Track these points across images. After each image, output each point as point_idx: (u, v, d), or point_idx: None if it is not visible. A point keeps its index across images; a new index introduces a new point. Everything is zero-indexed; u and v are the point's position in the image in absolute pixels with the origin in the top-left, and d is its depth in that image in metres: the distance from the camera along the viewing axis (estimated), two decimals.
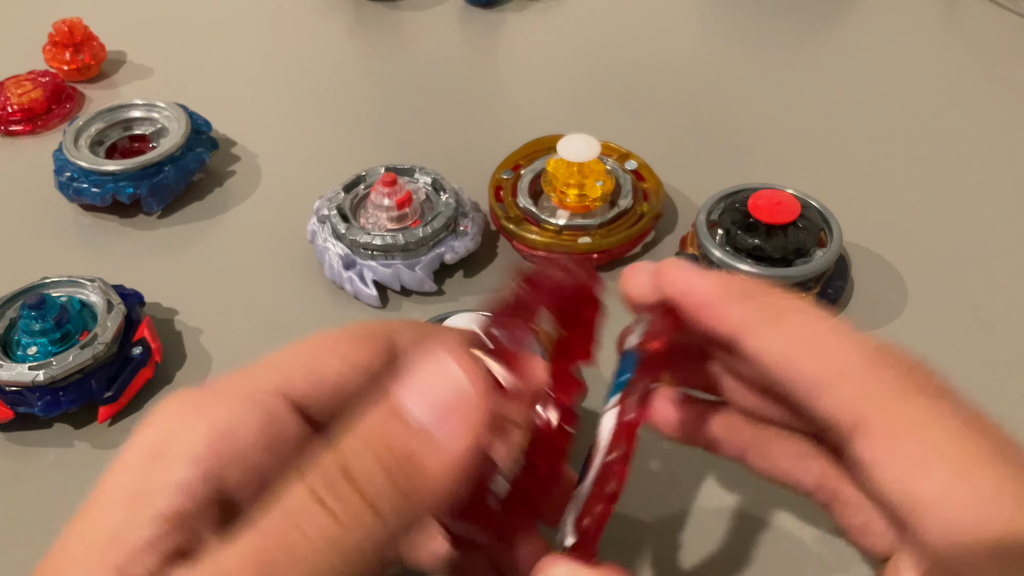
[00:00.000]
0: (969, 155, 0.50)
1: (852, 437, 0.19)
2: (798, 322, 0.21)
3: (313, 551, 0.17)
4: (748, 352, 0.21)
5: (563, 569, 0.21)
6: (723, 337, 0.22)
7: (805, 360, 0.20)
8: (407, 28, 0.63)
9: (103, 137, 0.49)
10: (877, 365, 0.19)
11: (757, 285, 0.22)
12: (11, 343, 0.37)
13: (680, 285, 0.23)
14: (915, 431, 0.18)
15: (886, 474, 0.19)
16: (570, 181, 0.42)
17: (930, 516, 0.18)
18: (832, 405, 0.19)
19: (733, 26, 0.63)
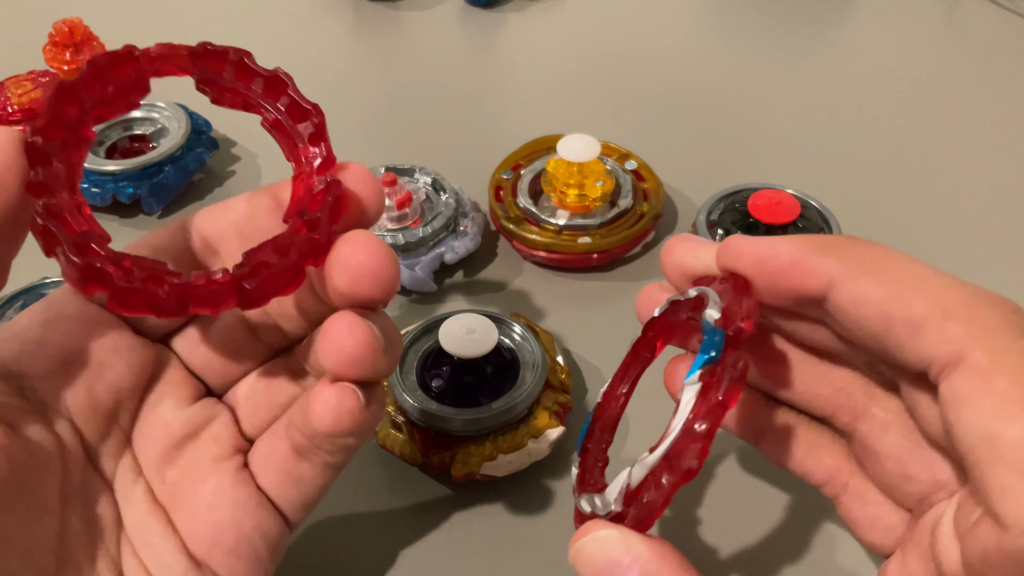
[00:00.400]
0: (969, 155, 0.50)
1: (947, 374, 0.19)
2: (895, 266, 0.20)
3: None
4: (842, 302, 0.20)
5: (614, 532, 0.20)
6: (812, 293, 0.21)
7: (908, 301, 0.19)
8: (407, 28, 0.63)
9: (103, 137, 0.49)
10: (981, 305, 0.19)
11: (837, 238, 0.22)
12: None
13: (756, 254, 0.22)
14: (1012, 372, 0.18)
15: (973, 412, 0.18)
16: (570, 181, 0.42)
17: (1006, 456, 0.17)
18: (933, 343, 0.19)
19: (733, 26, 0.63)
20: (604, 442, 0.26)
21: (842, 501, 0.24)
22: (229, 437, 0.25)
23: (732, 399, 0.20)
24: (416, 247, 0.41)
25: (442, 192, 0.43)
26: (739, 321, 0.21)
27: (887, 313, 0.20)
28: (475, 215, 0.44)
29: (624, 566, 0.19)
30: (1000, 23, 0.62)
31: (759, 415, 0.26)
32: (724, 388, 0.20)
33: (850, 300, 0.20)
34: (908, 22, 0.62)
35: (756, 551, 0.31)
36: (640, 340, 0.26)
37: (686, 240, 0.25)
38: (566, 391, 0.35)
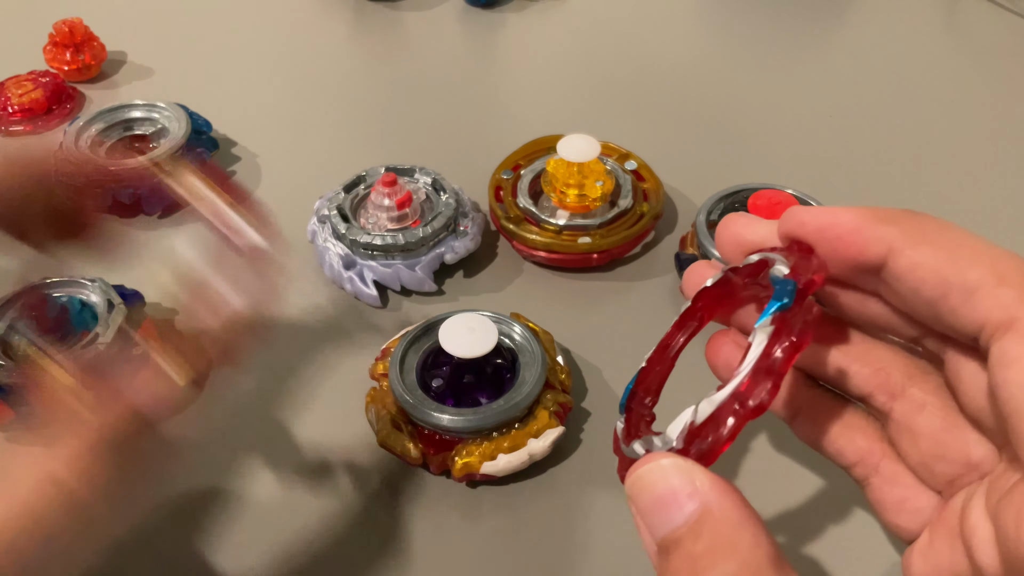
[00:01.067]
0: (969, 155, 0.50)
1: (998, 337, 0.19)
2: (951, 236, 0.21)
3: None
4: (901, 268, 0.21)
5: (676, 460, 0.20)
6: (872, 260, 0.22)
7: (963, 267, 0.20)
8: (407, 28, 0.63)
9: (104, 137, 0.49)
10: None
11: (895, 210, 0.23)
12: (11, 343, 0.37)
13: (818, 222, 0.23)
14: None
15: (1018, 372, 0.19)
16: (570, 181, 0.42)
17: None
18: (987, 306, 0.20)
19: (733, 26, 0.63)
20: (650, 402, 0.26)
21: (871, 482, 0.25)
22: None
23: (806, 340, 0.20)
24: (416, 247, 0.41)
25: (442, 192, 0.43)
26: (810, 274, 0.22)
27: (944, 279, 0.21)
28: (475, 215, 0.44)
29: (684, 496, 0.19)
30: (1000, 23, 0.62)
31: (797, 392, 0.26)
32: (798, 329, 0.20)
33: (908, 266, 0.21)
34: (908, 22, 0.62)
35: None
36: (688, 310, 0.26)
37: (742, 216, 0.25)
38: (566, 391, 0.35)
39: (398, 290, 0.42)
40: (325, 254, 0.42)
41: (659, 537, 0.19)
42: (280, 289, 0.25)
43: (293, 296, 0.42)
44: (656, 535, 0.19)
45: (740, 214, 0.25)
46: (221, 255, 0.25)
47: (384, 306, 0.41)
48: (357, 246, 0.41)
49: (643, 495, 0.20)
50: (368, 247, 0.41)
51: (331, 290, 0.42)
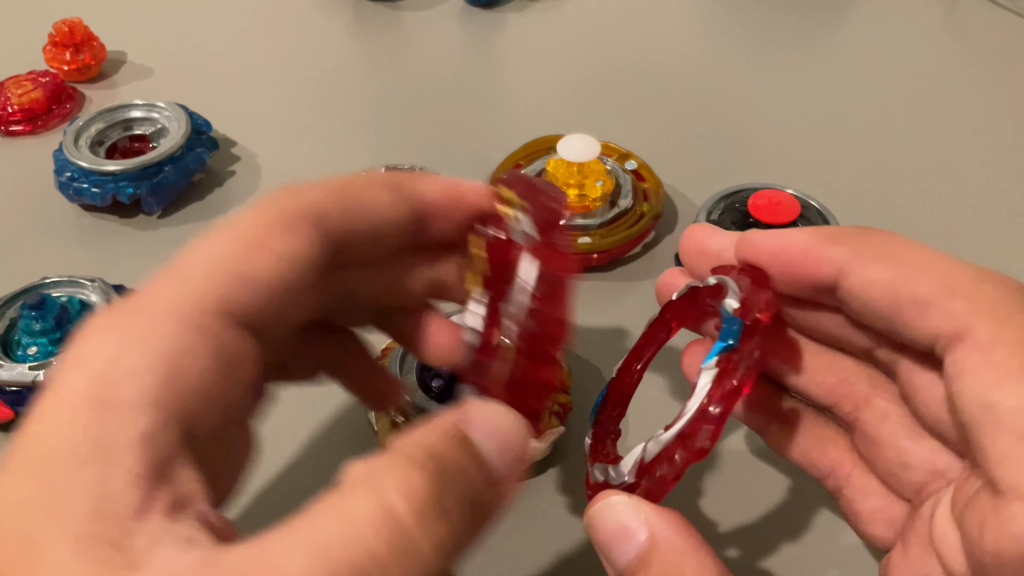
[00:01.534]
0: (969, 155, 0.50)
1: (951, 348, 0.19)
2: (902, 251, 0.21)
3: (383, 567, 0.16)
4: (853, 287, 0.21)
5: (625, 498, 0.21)
6: (824, 280, 0.22)
7: (915, 282, 0.20)
8: (407, 28, 0.63)
9: (103, 137, 0.49)
10: (983, 283, 0.20)
11: (846, 228, 0.23)
12: (11, 343, 0.37)
13: (772, 247, 0.23)
14: (1012, 344, 0.19)
15: (973, 382, 0.19)
16: (570, 181, 0.42)
17: (1003, 424, 0.18)
18: (939, 319, 0.20)
19: (733, 26, 0.63)
20: (616, 415, 0.27)
21: (844, 494, 0.25)
22: None
23: (746, 385, 0.21)
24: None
25: None
26: (757, 312, 0.22)
27: (896, 294, 0.21)
28: None
29: (634, 529, 0.20)
30: (1000, 23, 0.62)
31: (767, 404, 0.26)
32: (740, 374, 0.21)
33: (861, 284, 0.21)
34: (908, 22, 0.62)
35: (758, 533, 0.31)
36: (656, 321, 0.27)
37: (704, 227, 0.25)
38: (566, 391, 0.35)
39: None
40: None
41: (617, 570, 0.21)
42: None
43: None
44: (615, 568, 0.21)
45: (702, 224, 0.26)
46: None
47: None
48: None
49: (598, 532, 0.21)
50: None
51: None
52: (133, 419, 0.17)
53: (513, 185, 0.25)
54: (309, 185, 0.22)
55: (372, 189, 0.23)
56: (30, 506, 0.16)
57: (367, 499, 0.17)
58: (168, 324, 0.18)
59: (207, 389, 0.18)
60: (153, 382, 0.18)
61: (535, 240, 0.22)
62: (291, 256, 0.20)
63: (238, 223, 0.21)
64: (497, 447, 0.19)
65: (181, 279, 0.20)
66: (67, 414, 0.17)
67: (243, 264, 0.20)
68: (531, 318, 0.21)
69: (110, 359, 0.18)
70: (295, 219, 0.21)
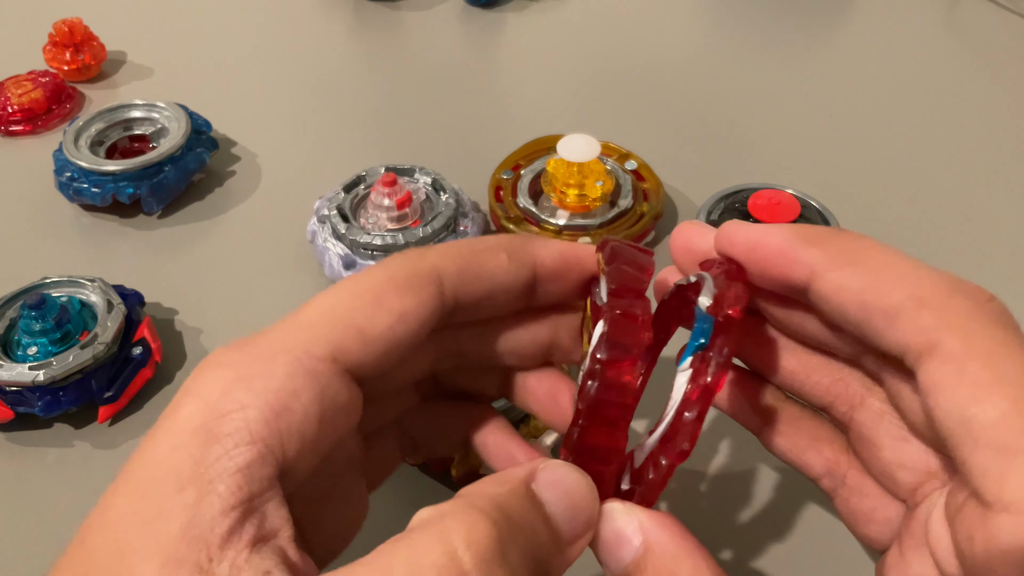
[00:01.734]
0: (969, 155, 0.50)
1: (923, 362, 0.19)
2: (873, 257, 0.21)
3: None
4: (824, 291, 0.21)
5: (619, 505, 0.21)
6: (797, 282, 0.22)
7: (885, 291, 0.20)
8: (407, 28, 0.63)
9: (103, 137, 0.49)
10: (955, 295, 0.20)
11: (824, 229, 0.23)
12: (11, 343, 0.37)
13: (747, 241, 0.23)
14: (984, 358, 0.18)
15: (948, 397, 0.19)
16: (570, 181, 0.42)
17: (981, 438, 0.18)
18: (908, 331, 0.20)
19: (733, 26, 0.63)
20: None
21: (840, 494, 0.25)
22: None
23: (719, 384, 0.21)
24: (416, 247, 0.41)
25: (442, 192, 0.43)
26: (727, 308, 0.22)
27: (865, 302, 0.20)
28: (475, 215, 0.44)
29: (628, 535, 0.21)
30: (1000, 23, 0.62)
31: (762, 404, 0.26)
32: (711, 373, 0.21)
33: (832, 289, 0.21)
34: (908, 22, 0.62)
35: (753, 534, 0.31)
36: (653, 322, 0.26)
37: (693, 225, 0.25)
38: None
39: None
40: (325, 254, 0.42)
41: (616, 574, 0.21)
42: None
43: (293, 296, 0.42)
44: (612, 574, 0.21)
45: (691, 222, 0.26)
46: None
47: None
48: (357, 246, 0.41)
49: (597, 539, 0.21)
50: (368, 247, 0.41)
51: None
52: (234, 451, 0.18)
53: (602, 249, 0.25)
54: (433, 248, 0.24)
55: (491, 252, 0.24)
56: (130, 520, 0.18)
57: (433, 544, 0.17)
58: (279, 364, 0.20)
59: (308, 429, 0.20)
60: (257, 417, 0.19)
61: (604, 305, 0.22)
62: (406, 314, 0.22)
63: (361, 278, 0.22)
64: (565, 507, 0.20)
65: (298, 325, 0.21)
66: (176, 439, 0.19)
67: (359, 317, 0.21)
68: (592, 381, 0.21)
69: (222, 391, 0.19)
70: (415, 279, 0.22)
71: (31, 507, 0.34)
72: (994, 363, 0.18)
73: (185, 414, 0.19)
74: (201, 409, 0.19)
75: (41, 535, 0.32)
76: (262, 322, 0.21)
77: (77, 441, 0.36)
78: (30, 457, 0.35)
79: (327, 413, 0.20)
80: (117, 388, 0.36)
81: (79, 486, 0.34)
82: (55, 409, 0.35)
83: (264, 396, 0.19)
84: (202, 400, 0.19)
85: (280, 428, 0.19)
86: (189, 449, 0.19)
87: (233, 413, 0.19)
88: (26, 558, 0.31)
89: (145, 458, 0.19)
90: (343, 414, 0.21)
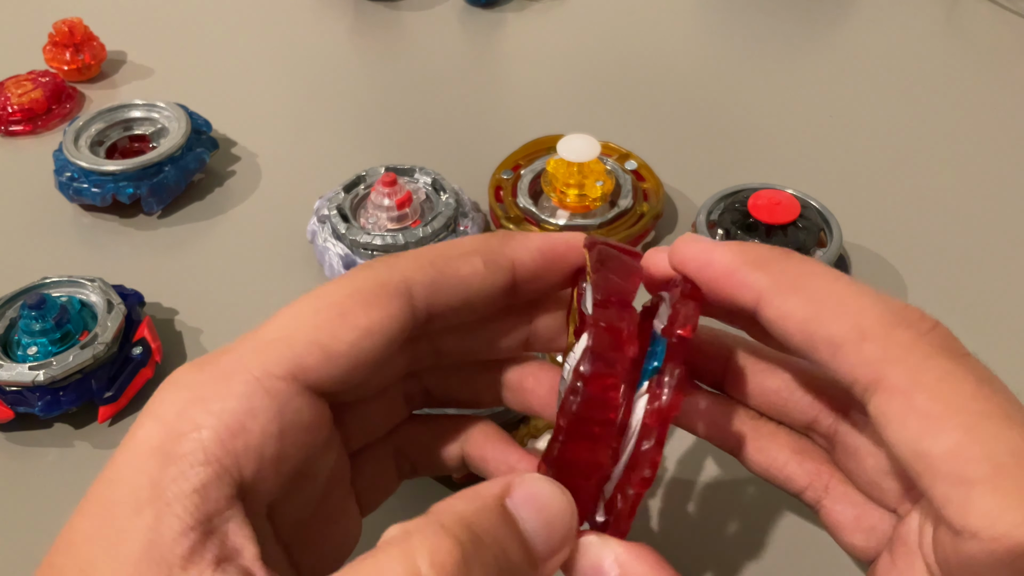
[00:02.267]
0: (969, 155, 0.50)
1: (870, 395, 0.19)
2: (819, 285, 0.21)
3: None
4: (770, 317, 0.21)
5: (595, 538, 0.21)
6: (744, 305, 0.22)
7: (827, 321, 0.20)
8: (407, 28, 0.63)
9: (103, 137, 0.49)
10: (897, 326, 0.20)
11: (773, 251, 0.22)
12: (11, 343, 0.37)
13: (696, 260, 0.22)
14: (931, 389, 0.18)
15: (900, 431, 0.19)
16: (570, 181, 0.42)
17: (940, 471, 0.18)
18: (853, 364, 0.20)
19: (733, 26, 0.63)
20: None
21: (823, 504, 0.25)
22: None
23: (675, 407, 0.21)
24: (416, 247, 0.41)
25: (442, 192, 0.43)
26: (678, 328, 0.21)
27: (809, 332, 0.20)
28: (475, 215, 0.44)
29: (605, 568, 0.20)
30: (1000, 23, 0.62)
31: (739, 423, 0.26)
32: (666, 397, 0.21)
33: (777, 316, 0.21)
34: (908, 22, 0.62)
35: (736, 554, 0.31)
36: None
37: (653, 252, 0.25)
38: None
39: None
40: (325, 254, 0.42)
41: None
42: None
43: (293, 296, 0.42)
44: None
45: (655, 249, 0.25)
46: None
47: None
48: (357, 246, 0.41)
49: (573, 573, 0.21)
50: (368, 247, 0.41)
51: None
52: (189, 471, 0.19)
53: (591, 249, 0.24)
54: (403, 256, 0.23)
55: (465, 259, 0.23)
56: (94, 542, 0.19)
57: (396, 563, 0.17)
58: (236, 384, 0.20)
59: (267, 448, 0.20)
60: (212, 438, 0.19)
61: (588, 316, 0.22)
62: (373, 330, 0.21)
63: (326, 291, 0.22)
64: (540, 524, 0.20)
65: (258, 342, 0.21)
66: (134, 460, 0.19)
67: (323, 335, 0.21)
68: (574, 395, 0.21)
69: (179, 413, 0.20)
70: (382, 291, 0.22)
71: (31, 507, 0.34)
72: (941, 393, 0.18)
73: (143, 435, 0.20)
74: (158, 431, 0.19)
75: (41, 535, 0.32)
76: (261, 322, 0.21)
77: (77, 441, 0.36)
78: (30, 457, 0.35)
79: (288, 431, 0.20)
80: (117, 388, 0.36)
81: (79, 486, 0.34)
82: (55, 409, 0.35)
83: (220, 416, 0.19)
84: (159, 421, 0.20)
85: (236, 448, 0.19)
86: (147, 470, 0.19)
87: (189, 434, 0.19)
88: (26, 558, 0.31)
89: (106, 480, 0.20)
90: (307, 431, 0.21)
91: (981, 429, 0.18)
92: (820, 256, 0.39)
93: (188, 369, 0.21)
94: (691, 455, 0.34)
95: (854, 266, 0.42)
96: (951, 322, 0.20)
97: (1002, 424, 0.18)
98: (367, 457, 0.26)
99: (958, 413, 0.18)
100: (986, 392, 0.19)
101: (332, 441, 0.23)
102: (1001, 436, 0.18)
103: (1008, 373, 0.39)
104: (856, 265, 0.42)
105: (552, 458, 0.21)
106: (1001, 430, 0.18)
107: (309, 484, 0.23)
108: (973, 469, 0.18)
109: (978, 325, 0.39)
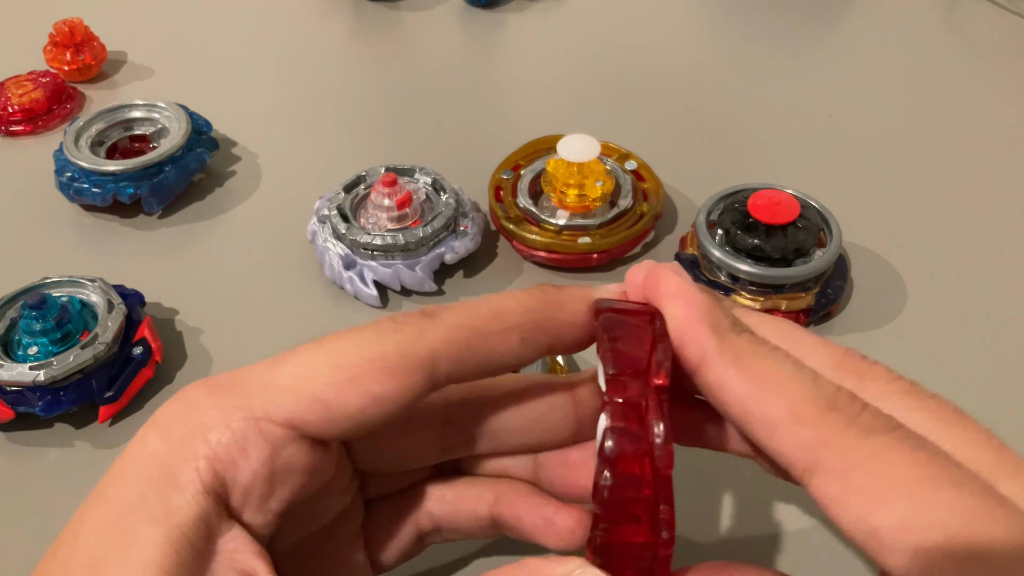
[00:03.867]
0: (969, 155, 0.50)
1: (808, 478, 0.20)
2: (759, 362, 0.21)
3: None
4: (707, 384, 0.21)
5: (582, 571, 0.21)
6: (688, 362, 0.22)
7: (763, 401, 0.20)
8: (407, 28, 0.63)
9: (103, 137, 0.49)
10: (828, 412, 0.20)
11: (727, 309, 0.22)
12: (12, 343, 0.37)
13: (658, 300, 0.22)
14: (868, 467, 0.19)
15: (845, 512, 0.19)
16: (570, 181, 0.42)
17: (893, 545, 0.18)
18: (788, 447, 0.20)
19: (733, 26, 0.63)
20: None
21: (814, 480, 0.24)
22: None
23: (669, 465, 0.20)
24: (416, 247, 0.41)
25: (442, 192, 0.43)
26: (654, 379, 0.21)
27: (746, 409, 0.20)
28: (475, 215, 0.44)
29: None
30: (1000, 23, 0.62)
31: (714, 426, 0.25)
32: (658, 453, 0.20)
33: (716, 384, 0.21)
34: (908, 22, 0.62)
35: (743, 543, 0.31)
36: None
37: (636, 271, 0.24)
38: None
39: (398, 290, 0.42)
40: (325, 254, 0.42)
41: None
42: None
43: (293, 296, 0.42)
44: None
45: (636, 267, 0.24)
46: None
47: (384, 306, 0.41)
48: (357, 246, 0.41)
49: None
50: (368, 247, 0.41)
51: (331, 290, 0.42)
52: (192, 500, 0.20)
53: (597, 317, 0.23)
54: (437, 321, 0.22)
55: (503, 336, 0.22)
56: (105, 539, 0.20)
57: None
58: (236, 420, 0.21)
59: (255, 487, 0.21)
60: (207, 468, 0.20)
61: (603, 393, 0.21)
62: (384, 399, 0.21)
63: (348, 349, 0.22)
64: None
65: (270, 384, 0.21)
66: (145, 472, 0.20)
67: (331, 394, 0.21)
68: (604, 480, 0.20)
69: (184, 436, 0.21)
70: (403, 364, 0.21)
71: (31, 507, 0.34)
72: (878, 469, 0.18)
73: (152, 448, 0.21)
74: (165, 448, 0.20)
75: (41, 535, 0.32)
76: (262, 322, 0.21)
77: (77, 441, 0.36)
78: (30, 457, 0.35)
79: (279, 473, 0.21)
80: (117, 388, 0.36)
81: (79, 486, 0.34)
82: (55, 409, 0.35)
83: (215, 448, 0.20)
84: (168, 440, 0.21)
85: (223, 478, 0.20)
86: (155, 487, 0.20)
87: (189, 462, 0.20)
88: (26, 558, 0.31)
89: (115, 479, 0.21)
90: (301, 474, 0.21)
91: (925, 497, 0.18)
92: (820, 256, 0.39)
93: (202, 389, 0.21)
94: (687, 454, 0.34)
95: (854, 266, 0.42)
96: (950, 322, 0.20)
97: (946, 488, 0.18)
98: (386, 507, 0.26)
99: (899, 484, 0.18)
100: (923, 459, 0.19)
101: (338, 484, 0.24)
102: (943, 502, 0.18)
103: (1008, 373, 0.39)
104: (856, 265, 0.42)
105: (596, 547, 0.21)
106: (943, 496, 0.18)
107: (309, 524, 0.23)
108: (927, 539, 0.17)
109: (978, 325, 0.39)
